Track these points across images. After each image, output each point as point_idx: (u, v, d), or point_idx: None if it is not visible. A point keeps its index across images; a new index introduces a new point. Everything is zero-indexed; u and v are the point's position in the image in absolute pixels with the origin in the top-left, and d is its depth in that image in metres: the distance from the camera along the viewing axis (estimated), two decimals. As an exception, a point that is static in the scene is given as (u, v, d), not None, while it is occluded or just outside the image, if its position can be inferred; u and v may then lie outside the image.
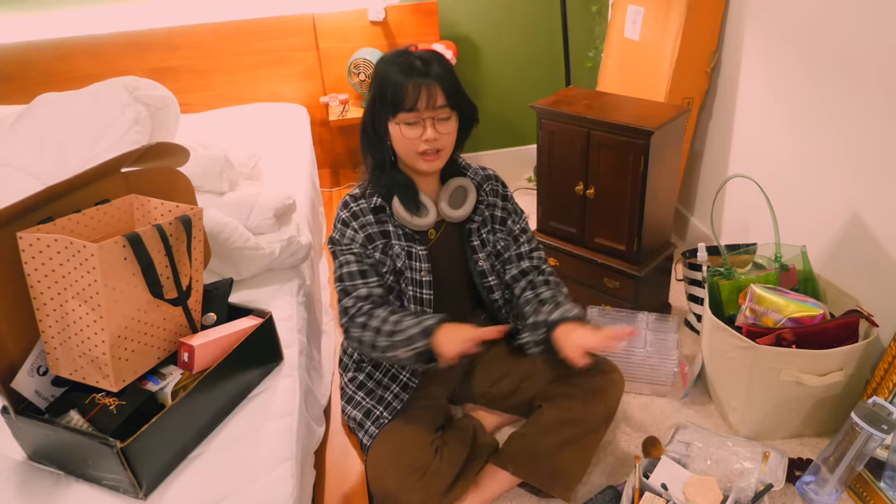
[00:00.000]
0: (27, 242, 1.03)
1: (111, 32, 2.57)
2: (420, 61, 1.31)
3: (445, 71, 1.33)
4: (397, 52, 1.35)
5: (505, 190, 1.56)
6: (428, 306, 1.45)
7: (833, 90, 1.69)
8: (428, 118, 1.32)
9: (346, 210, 1.43)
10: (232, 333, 1.24)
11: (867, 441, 1.38)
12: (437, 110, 1.32)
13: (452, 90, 1.33)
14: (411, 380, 1.48)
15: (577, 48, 2.96)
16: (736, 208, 2.24)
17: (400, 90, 1.30)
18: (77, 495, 1.07)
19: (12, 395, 1.06)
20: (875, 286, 1.64)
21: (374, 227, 1.41)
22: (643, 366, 1.80)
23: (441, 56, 1.36)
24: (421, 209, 1.41)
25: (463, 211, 1.45)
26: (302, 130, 2.55)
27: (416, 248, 1.43)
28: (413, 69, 1.30)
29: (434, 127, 1.32)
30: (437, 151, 1.35)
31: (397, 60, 1.33)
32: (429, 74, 1.30)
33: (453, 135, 1.38)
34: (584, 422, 1.45)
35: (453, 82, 1.34)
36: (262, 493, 1.07)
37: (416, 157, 1.36)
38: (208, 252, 1.42)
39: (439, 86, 1.31)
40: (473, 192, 1.47)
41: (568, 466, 1.47)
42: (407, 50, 1.36)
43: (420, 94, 1.29)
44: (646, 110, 1.90)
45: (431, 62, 1.32)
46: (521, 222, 1.57)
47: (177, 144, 1.32)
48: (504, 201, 1.54)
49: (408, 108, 1.30)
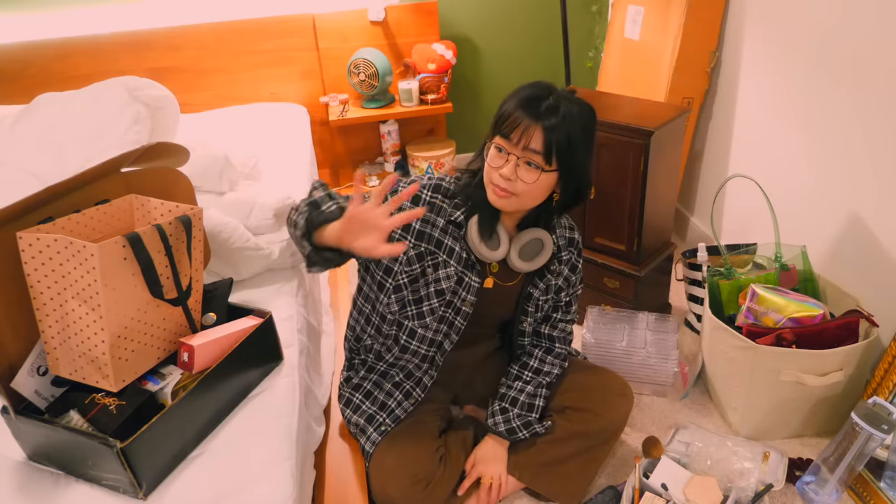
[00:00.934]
0: (27, 242, 1.03)
1: (111, 32, 2.57)
2: (549, 103, 1.19)
3: (564, 126, 1.19)
4: (547, 85, 1.24)
5: (578, 260, 1.48)
6: (456, 333, 1.43)
7: (833, 90, 1.69)
8: (514, 155, 1.21)
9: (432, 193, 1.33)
10: (232, 333, 1.24)
11: (867, 441, 1.38)
12: (526, 152, 1.20)
13: (558, 146, 1.19)
14: (414, 389, 1.47)
15: (577, 48, 2.96)
16: (736, 208, 2.24)
17: (508, 115, 1.21)
18: (77, 495, 1.06)
19: (12, 395, 1.06)
20: (875, 286, 1.63)
21: (437, 232, 1.33)
22: (643, 366, 1.80)
23: (577, 112, 1.21)
24: (493, 239, 1.33)
25: (529, 266, 1.37)
26: (302, 130, 2.55)
27: (470, 278, 1.36)
28: (533, 104, 1.19)
29: (516, 167, 1.21)
30: (510, 193, 1.24)
31: (535, 90, 1.22)
32: (542, 118, 1.18)
33: (536, 188, 1.24)
34: (593, 435, 1.49)
35: (565, 142, 1.19)
36: (262, 493, 1.07)
37: (489, 184, 1.26)
38: (208, 252, 1.42)
39: (541, 131, 1.18)
40: (549, 252, 1.37)
41: (574, 476, 1.49)
42: (552, 87, 1.24)
43: (519, 127, 1.19)
44: (646, 110, 1.90)
45: (557, 111, 1.18)
46: (573, 295, 1.53)
47: (177, 144, 1.32)
48: (572, 272, 1.48)
49: (502, 134, 1.21)
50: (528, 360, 1.52)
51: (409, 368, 1.47)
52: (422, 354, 1.44)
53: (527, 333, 1.52)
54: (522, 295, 1.46)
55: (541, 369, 1.50)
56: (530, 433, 1.46)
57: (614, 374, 1.58)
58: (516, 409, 1.47)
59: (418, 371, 1.47)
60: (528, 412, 1.47)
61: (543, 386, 1.49)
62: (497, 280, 1.43)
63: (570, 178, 1.26)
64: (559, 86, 1.26)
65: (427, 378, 1.48)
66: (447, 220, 1.33)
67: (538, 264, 1.38)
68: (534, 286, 1.44)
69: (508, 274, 1.43)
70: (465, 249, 1.34)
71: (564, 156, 1.21)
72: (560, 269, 1.46)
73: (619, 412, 1.52)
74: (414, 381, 1.47)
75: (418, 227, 1.32)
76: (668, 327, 1.87)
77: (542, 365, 1.51)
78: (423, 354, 1.44)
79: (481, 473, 1.46)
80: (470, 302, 1.38)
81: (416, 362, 1.46)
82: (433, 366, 1.48)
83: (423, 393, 1.48)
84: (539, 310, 1.49)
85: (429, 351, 1.44)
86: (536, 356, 1.52)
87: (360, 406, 1.47)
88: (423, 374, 1.48)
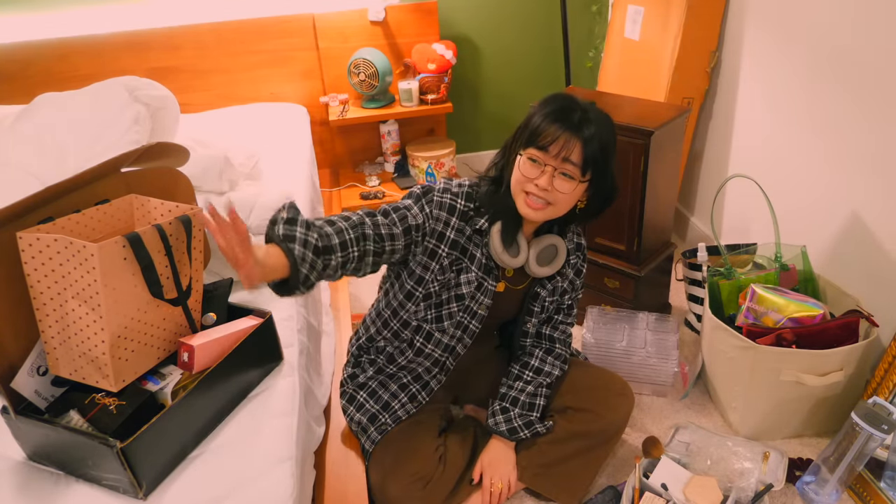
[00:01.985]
0: (27, 242, 1.03)
1: (111, 32, 2.57)
2: (580, 115, 1.23)
3: (599, 138, 1.24)
4: (568, 98, 1.27)
5: (583, 264, 1.52)
6: (470, 336, 1.44)
7: (833, 90, 1.69)
8: (551, 166, 1.24)
9: (465, 202, 1.34)
10: (232, 333, 1.24)
11: (867, 441, 1.38)
12: (565, 163, 1.23)
13: (594, 158, 1.23)
14: (420, 392, 1.48)
15: (577, 48, 2.96)
16: (736, 208, 2.24)
17: (543, 128, 1.23)
18: (77, 495, 1.06)
19: (12, 395, 1.06)
20: (875, 286, 1.63)
21: (464, 240, 1.35)
22: (643, 366, 1.80)
23: (606, 123, 1.27)
24: (514, 246, 1.35)
25: (545, 270, 1.40)
26: (302, 130, 2.55)
27: (489, 284, 1.39)
28: (567, 117, 1.23)
29: (552, 178, 1.24)
30: (545, 203, 1.27)
31: (562, 103, 1.25)
32: (579, 129, 1.22)
33: (570, 198, 1.28)
34: (594, 435, 1.49)
35: (600, 153, 1.24)
36: (262, 493, 1.07)
37: (520, 194, 1.28)
38: (208, 252, 1.42)
39: (581, 144, 1.22)
40: (563, 257, 1.41)
41: (575, 476, 1.49)
42: (576, 98, 1.27)
43: (558, 140, 1.22)
44: (646, 110, 1.90)
45: (590, 123, 1.23)
46: (575, 298, 1.55)
47: (177, 144, 1.32)
48: (576, 276, 1.51)
49: (538, 146, 1.23)
50: (529, 360, 1.52)
51: (418, 371, 1.48)
52: (434, 358, 1.45)
53: (530, 334, 1.53)
54: (529, 295, 1.47)
55: (541, 369, 1.50)
56: (531, 433, 1.46)
57: (614, 375, 1.58)
58: (517, 409, 1.47)
59: (427, 375, 1.48)
60: (530, 412, 1.47)
61: (544, 386, 1.49)
62: (509, 284, 1.44)
63: (601, 187, 1.31)
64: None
65: (434, 382, 1.49)
66: (473, 229, 1.35)
67: (554, 269, 1.41)
68: (541, 286, 1.46)
69: (521, 278, 1.45)
70: (486, 255, 1.36)
71: (599, 166, 1.25)
72: (567, 273, 1.48)
73: (619, 412, 1.52)
74: (421, 385, 1.48)
75: (452, 237, 1.34)
76: (668, 327, 1.87)
77: (543, 365, 1.51)
78: (435, 358, 1.45)
79: (491, 479, 1.46)
80: (486, 305, 1.40)
81: (428, 365, 1.47)
82: (443, 371, 1.49)
83: (429, 396, 1.48)
84: (544, 310, 1.50)
85: (442, 356, 1.45)
86: (537, 356, 1.52)
87: (364, 405, 1.47)
88: (431, 378, 1.48)
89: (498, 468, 1.46)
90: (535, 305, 1.48)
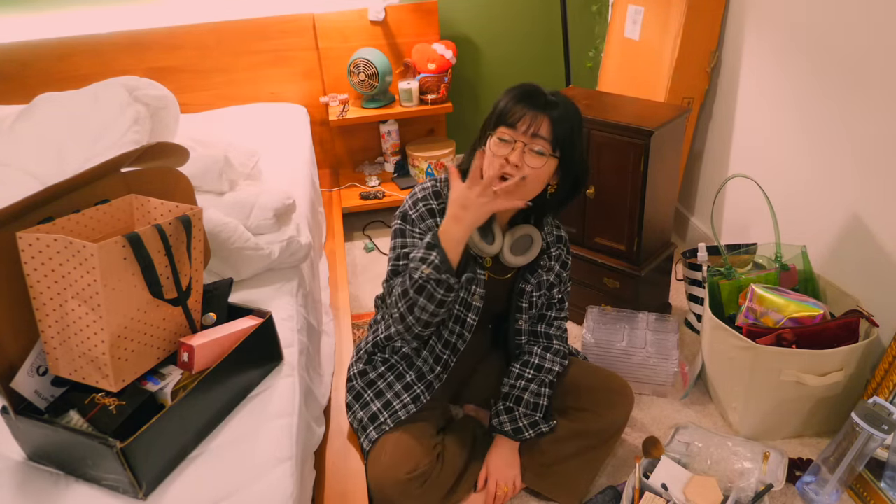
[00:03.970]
0: (27, 242, 1.03)
1: (111, 32, 2.57)
2: (546, 97, 1.27)
3: (566, 118, 1.27)
4: (533, 84, 1.30)
5: (567, 256, 1.53)
6: (469, 331, 1.45)
7: (833, 89, 1.69)
8: (521, 142, 1.26)
9: (437, 201, 1.38)
10: (232, 333, 1.24)
11: (867, 441, 1.38)
12: (534, 139, 1.25)
13: (563, 135, 1.27)
14: (424, 393, 1.48)
15: (577, 48, 2.96)
16: (736, 208, 2.24)
17: (510, 107, 1.26)
18: (77, 495, 1.06)
19: (12, 395, 1.06)
20: (875, 286, 1.63)
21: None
22: (643, 366, 1.80)
23: (573, 107, 1.30)
24: (488, 235, 1.38)
25: (519, 260, 1.41)
26: (302, 130, 2.55)
27: (476, 273, 1.40)
28: (534, 98, 1.27)
29: (523, 153, 1.26)
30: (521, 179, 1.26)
31: (528, 88, 1.29)
32: (545, 107, 1.26)
33: (542, 176, 1.29)
34: (595, 434, 1.50)
35: (568, 131, 1.27)
36: (262, 493, 1.07)
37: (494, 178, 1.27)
38: (208, 252, 1.42)
39: (549, 121, 1.26)
40: (538, 247, 1.42)
41: (576, 476, 1.50)
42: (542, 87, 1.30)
43: (525, 117, 1.25)
44: (646, 110, 1.90)
45: (557, 104, 1.27)
46: (564, 291, 1.55)
47: (177, 144, 1.32)
48: (562, 269, 1.52)
49: (507, 123, 1.26)
50: (529, 358, 1.52)
51: (422, 370, 1.48)
52: (436, 355, 1.46)
53: (523, 332, 1.53)
54: (515, 291, 1.48)
55: (542, 366, 1.51)
56: (536, 433, 1.46)
57: (614, 374, 1.59)
58: (521, 409, 1.47)
59: (430, 374, 1.48)
60: (534, 412, 1.47)
61: (546, 385, 1.49)
62: (491, 274, 1.46)
63: (570, 168, 1.33)
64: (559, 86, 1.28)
65: (437, 382, 1.49)
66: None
67: (528, 258, 1.42)
68: (525, 281, 1.47)
69: (500, 268, 1.46)
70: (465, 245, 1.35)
71: (567, 144, 1.28)
72: (551, 266, 1.49)
73: (619, 412, 1.52)
74: (425, 385, 1.48)
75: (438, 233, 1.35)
76: (668, 327, 1.87)
77: (543, 361, 1.51)
78: (437, 355, 1.46)
79: (496, 482, 1.46)
80: (480, 295, 1.42)
81: (431, 363, 1.47)
82: (445, 369, 1.49)
83: (430, 395, 1.48)
84: (533, 306, 1.50)
85: (443, 352, 1.46)
86: (536, 353, 1.52)
87: (369, 403, 1.48)
88: (434, 378, 1.49)
89: (503, 471, 1.46)
90: (523, 301, 1.49)
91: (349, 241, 2.75)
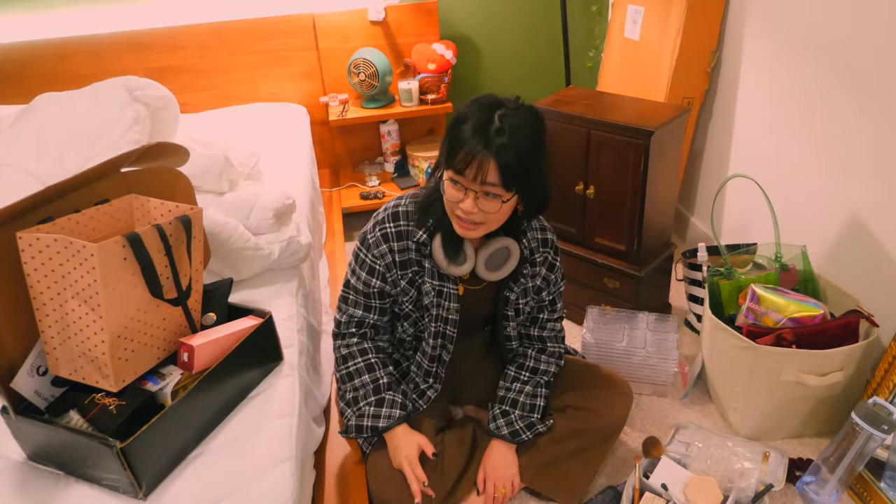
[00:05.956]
0: (27, 242, 1.03)
1: (111, 32, 2.57)
2: (496, 126, 1.15)
3: (515, 146, 1.15)
4: (490, 103, 1.19)
5: (555, 258, 1.47)
6: (450, 342, 1.45)
7: (833, 90, 1.69)
8: (472, 190, 1.19)
9: (394, 223, 1.34)
10: (232, 333, 1.24)
11: (867, 441, 1.38)
12: (484, 185, 1.17)
13: (513, 171, 1.16)
14: (417, 402, 1.48)
15: (577, 48, 2.96)
16: (736, 208, 2.24)
17: (457, 148, 1.17)
18: (77, 495, 1.06)
19: (12, 395, 1.06)
20: (875, 286, 1.63)
21: (413, 254, 1.35)
22: (643, 366, 1.80)
23: (525, 127, 1.17)
24: (459, 256, 1.33)
25: (496, 275, 1.37)
26: (302, 130, 2.55)
27: (449, 288, 1.38)
28: (481, 131, 1.15)
29: (476, 201, 1.20)
30: (476, 224, 1.24)
31: (478, 115, 1.17)
32: (490, 145, 1.14)
33: (500, 214, 1.24)
34: (593, 433, 1.49)
35: (517, 163, 1.16)
36: (262, 493, 1.07)
37: (451, 215, 1.27)
38: (208, 252, 1.42)
39: (495, 162, 1.15)
40: (515, 258, 1.36)
41: (575, 475, 1.49)
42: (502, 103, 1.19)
43: (472, 163, 1.15)
44: (646, 110, 1.90)
45: (503, 132, 1.15)
46: (556, 293, 1.52)
47: (177, 144, 1.32)
48: (549, 271, 1.47)
49: (455, 170, 1.18)
50: (524, 361, 1.52)
51: (416, 381, 1.49)
52: (424, 368, 1.47)
53: (513, 338, 1.52)
54: (500, 300, 1.47)
55: (537, 368, 1.50)
56: (534, 434, 1.46)
57: (613, 373, 1.58)
58: (518, 411, 1.47)
59: (424, 384, 1.49)
60: (531, 413, 1.47)
61: (542, 385, 1.49)
62: (467, 286, 1.44)
63: (531, 194, 1.25)
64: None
65: (431, 392, 1.50)
66: (416, 242, 1.35)
67: (506, 272, 1.38)
68: (509, 290, 1.44)
69: (478, 279, 1.42)
70: (434, 264, 1.36)
71: (520, 177, 1.19)
72: (537, 271, 1.45)
73: (618, 410, 1.52)
74: (417, 394, 1.49)
75: (398, 259, 1.36)
76: (668, 327, 1.87)
77: (538, 364, 1.51)
78: (425, 368, 1.47)
79: (494, 484, 1.45)
80: (455, 310, 1.40)
81: (422, 376, 1.48)
82: (437, 380, 1.50)
83: (426, 404, 1.49)
84: (520, 313, 1.49)
85: (431, 365, 1.47)
86: (531, 356, 1.52)
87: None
88: (427, 388, 1.49)
89: (501, 473, 1.46)
90: (509, 309, 1.47)
91: (349, 241, 2.75)
